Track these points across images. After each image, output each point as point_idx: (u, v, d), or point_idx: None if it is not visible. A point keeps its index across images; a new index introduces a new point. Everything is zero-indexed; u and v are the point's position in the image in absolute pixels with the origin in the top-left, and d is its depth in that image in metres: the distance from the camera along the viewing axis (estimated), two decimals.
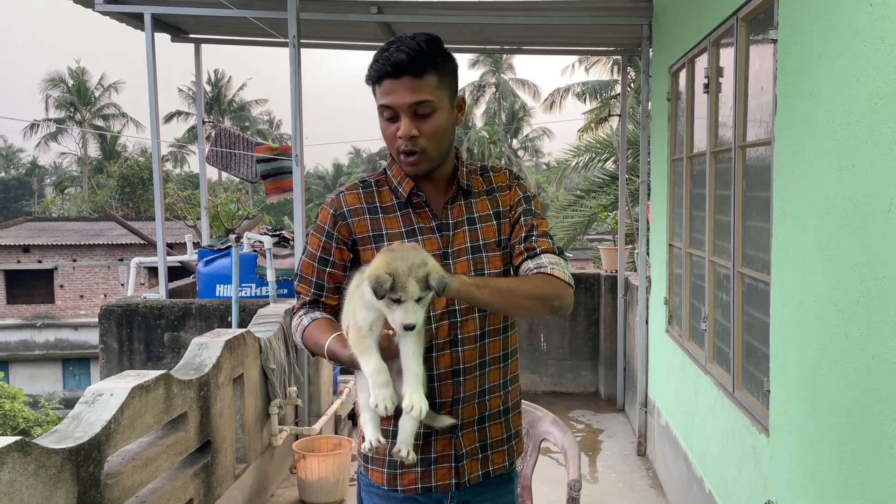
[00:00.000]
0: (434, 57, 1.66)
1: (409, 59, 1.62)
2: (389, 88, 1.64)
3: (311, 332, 1.76)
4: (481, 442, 1.79)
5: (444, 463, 1.76)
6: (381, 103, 1.66)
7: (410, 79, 1.63)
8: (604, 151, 12.79)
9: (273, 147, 7.72)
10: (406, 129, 1.65)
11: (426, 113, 1.65)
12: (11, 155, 54.82)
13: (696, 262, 4.33)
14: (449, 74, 1.69)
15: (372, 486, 1.81)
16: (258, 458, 4.41)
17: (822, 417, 2.34)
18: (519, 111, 39.68)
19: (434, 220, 1.76)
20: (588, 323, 7.60)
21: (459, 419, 1.75)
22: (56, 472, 2.37)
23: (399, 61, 1.62)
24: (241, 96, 41.57)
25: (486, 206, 1.80)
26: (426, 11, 5.99)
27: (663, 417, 5.09)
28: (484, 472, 1.80)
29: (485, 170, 1.85)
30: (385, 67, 1.63)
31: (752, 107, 3.28)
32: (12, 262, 23.45)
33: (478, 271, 1.74)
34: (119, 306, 6.15)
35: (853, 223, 2.09)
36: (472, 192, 1.80)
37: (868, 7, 2.00)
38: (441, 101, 1.67)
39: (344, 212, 1.76)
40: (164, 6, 6.02)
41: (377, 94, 1.68)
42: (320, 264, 1.79)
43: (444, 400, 1.73)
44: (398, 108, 1.64)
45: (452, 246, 1.74)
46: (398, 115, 1.65)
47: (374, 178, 1.83)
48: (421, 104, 1.64)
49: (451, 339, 1.73)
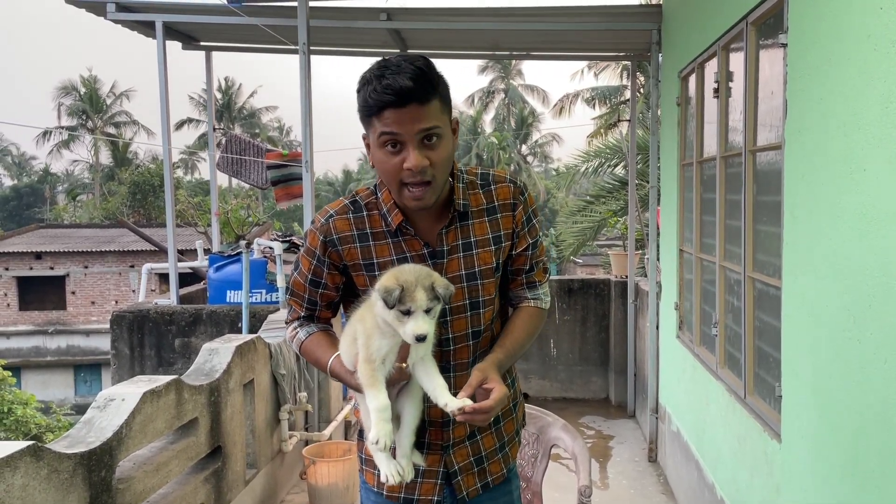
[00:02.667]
0: (436, 80, 1.56)
1: (416, 85, 1.51)
2: (395, 118, 1.52)
3: (310, 347, 1.78)
4: (475, 456, 1.79)
5: (431, 479, 1.76)
6: (385, 130, 1.54)
7: (417, 106, 1.52)
8: (613, 157, 12.77)
9: (283, 154, 7.75)
10: (417, 160, 1.53)
11: (434, 141, 1.56)
12: (24, 162, 55.23)
13: (707, 267, 4.31)
14: (448, 97, 1.62)
15: (367, 486, 1.85)
16: (268, 463, 4.42)
17: (834, 423, 2.32)
18: (528, 117, 39.65)
19: (426, 248, 1.69)
20: (598, 328, 7.58)
21: (451, 439, 1.76)
22: (68, 477, 2.38)
23: (405, 88, 1.50)
24: (251, 103, 41.77)
25: (486, 229, 1.72)
26: (435, 18, 6.01)
27: (674, 423, 5.07)
28: (483, 484, 1.81)
29: (486, 181, 1.73)
30: (387, 97, 1.51)
31: (763, 111, 3.27)
32: (25, 268, 23.62)
33: (472, 299, 1.70)
34: (130, 312, 6.19)
35: (864, 227, 2.08)
36: (470, 213, 1.71)
37: (878, 11, 1.99)
38: (445, 127, 1.59)
39: (334, 239, 1.70)
40: (176, 14, 6.07)
41: (374, 125, 1.56)
42: (312, 285, 1.77)
43: (435, 420, 1.73)
44: (406, 136, 1.53)
45: (446, 273, 1.67)
46: (402, 145, 1.55)
47: (364, 200, 1.73)
48: (431, 130, 1.55)
49: (443, 365, 1.70)
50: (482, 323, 1.73)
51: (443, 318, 1.66)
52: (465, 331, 1.71)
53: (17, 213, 45.78)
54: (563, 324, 7.60)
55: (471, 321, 1.71)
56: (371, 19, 5.88)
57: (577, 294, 7.58)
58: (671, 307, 5.23)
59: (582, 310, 7.59)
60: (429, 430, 1.74)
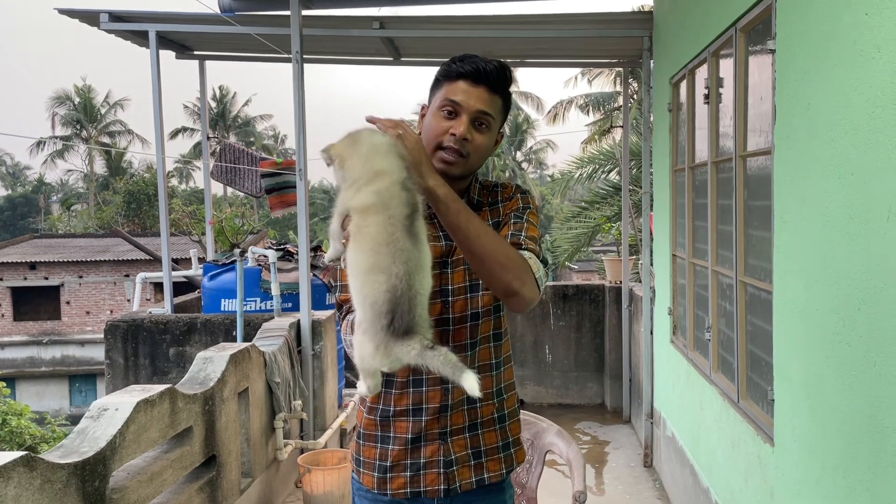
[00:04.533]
0: (508, 83, 1.75)
1: (496, 72, 1.70)
2: (465, 89, 1.69)
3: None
4: (474, 449, 1.80)
5: (434, 468, 1.77)
6: (450, 98, 1.70)
7: (486, 90, 1.70)
8: (607, 162, 12.82)
9: (277, 162, 7.76)
10: (464, 129, 1.69)
11: (484, 126, 1.72)
12: (18, 172, 55.15)
13: (700, 272, 4.33)
14: (508, 106, 1.78)
15: (363, 490, 1.85)
16: (263, 472, 4.41)
17: (826, 426, 2.33)
18: (523, 123, 39.74)
19: (441, 229, 1.76)
20: (593, 334, 7.59)
21: (448, 426, 1.76)
22: (62, 487, 2.38)
23: (488, 70, 1.69)
24: (246, 112, 41.79)
25: (488, 216, 1.81)
26: (428, 26, 6.03)
27: (669, 428, 5.08)
28: (478, 479, 1.80)
29: (496, 186, 1.90)
30: (470, 68, 1.69)
31: (752, 117, 3.30)
32: (19, 278, 23.54)
33: (472, 281, 1.76)
34: (124, 321, 6.17)
35: (853, 231, 2.10)
36: (481, 206, 1.83)
37: (864, 17, 2.01)
38: (496, 124, 1.75)
39: None
40: (169, 24, 6.08)
41: (444, 89, 1.72)
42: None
43: (431, 406, 1.75)
44: (467, 109, 1.69)
45: (454, 255, 1.76)
46: (458, 115, 1.70)
47: None
48: (485, 115, 1.71)
49: None
50: (480, 305, 1.77)
51: (444, 298, 1.73)
52: (464, 312, 1.76)
53: (11, 223, 45.67)
54: (558, 330, 7.61)
55: (470, 303, 1.76)
56: (364, 28, 5.90)
57: (571, 300, 7.60)
58: (665, 312, 5.25)
59: (577, 316, 7.60)
60: (426, 419, 1.75)
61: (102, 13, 5.84)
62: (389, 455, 1.78)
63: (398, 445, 1.77)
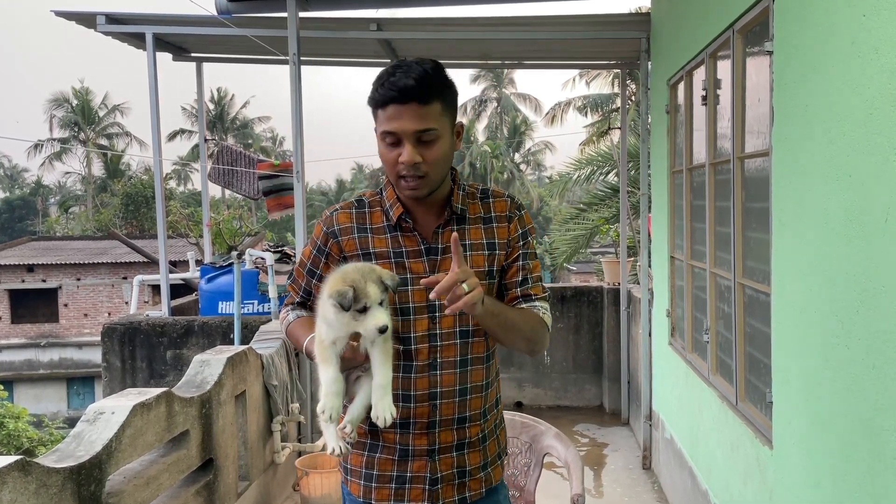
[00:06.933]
0: (440, 84, 1.67)
1: (418, 85, 1.62)
2: (394, 114, 1.64)
3: (293, 329, 1.89)
4: (459, 468, 1.81)
5: (419, 484, 1.78)
6: (385, 129, 1.66)
7: (417, 105, 1.63)
8: (605, 164, 12.82)
9: (275, 164, 7.77)
10: (409, 156, 1.65)
11: (430, 140, 1.66)
12: (16, 175, 55.09)
13: (698, 274, 4.32)
14: (452, 102, 1.71)
15: (351, 496, 1.87)
16: (261, 475, 4.40)
17: (824, 428, 2.33)
18: (521, 125, 39.80)
19: (423, 244, 1.77)
20: (591, 336, 7.58)
21: (437, 444, 1.77)
22: (57, 492, 2.37)
23: (407, 87, 1.62)
24: (243, 114, 41.80)
25: (480, 234, 1.80)
26: (426, 28, 6.02)
27: (668, 430, 5.07)
28: (461, 498, 1.82)
29: (485, 195, 1.84)
30: (392, 93, 1.63)
31: (750, 118, 3.29)
32: (17, 281, 23.51)
33: None
34: (121, 324, 6.16)
35: (851, 232, 2.09)
36: (467, 218, 1.80)
37: (861, 18, 2.01)
38: (444, 129, 1.69)
39: (335, 230, 1.81)
40: (166, 26, 6.08)
41: (379, 117, 1.68)
42: (309, 274, 1.88)
43: (419, 421, 1.76)
44: (403, 134, 1.64)
45: (440, 270, 1.73)
46: (401, 141, 1.65)
47: (368, 199, 1.85)
48: (426, 132, 1.65)
49: (430, 362, 1.75)
50: (470, 323, 1.76)
51: (432, 314, 1.75)
52: (452, 328, 1.76)
53: (8, 226, 45.62)
54: (556, 332, 7.60)
55: (459, 320, 1.76)
56: (361, 30, 5.90)
57: (570, 302, 7.59)
58: (663, 314, 5.24)
59: (575, 317, 7.60)
60: (413, 433, 1.76)
61: (99, 15, 5.85)
62: (376, 464, 1.80)
63: (386, 455, 1.79)
